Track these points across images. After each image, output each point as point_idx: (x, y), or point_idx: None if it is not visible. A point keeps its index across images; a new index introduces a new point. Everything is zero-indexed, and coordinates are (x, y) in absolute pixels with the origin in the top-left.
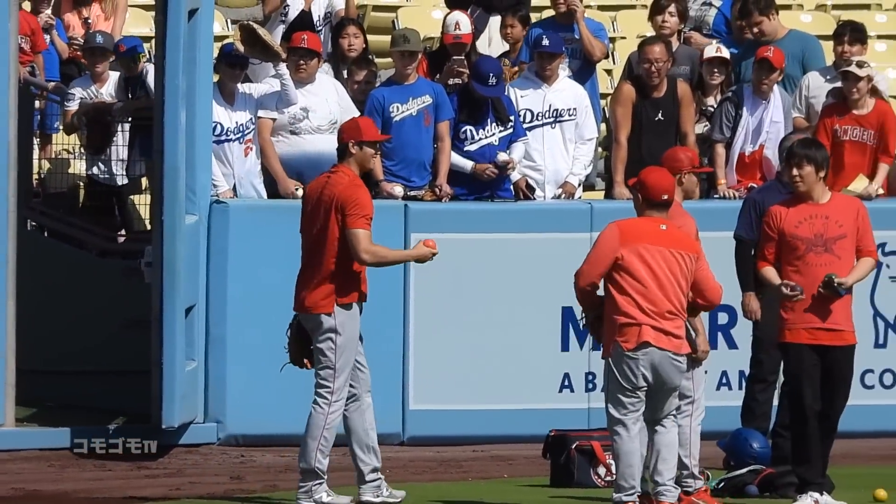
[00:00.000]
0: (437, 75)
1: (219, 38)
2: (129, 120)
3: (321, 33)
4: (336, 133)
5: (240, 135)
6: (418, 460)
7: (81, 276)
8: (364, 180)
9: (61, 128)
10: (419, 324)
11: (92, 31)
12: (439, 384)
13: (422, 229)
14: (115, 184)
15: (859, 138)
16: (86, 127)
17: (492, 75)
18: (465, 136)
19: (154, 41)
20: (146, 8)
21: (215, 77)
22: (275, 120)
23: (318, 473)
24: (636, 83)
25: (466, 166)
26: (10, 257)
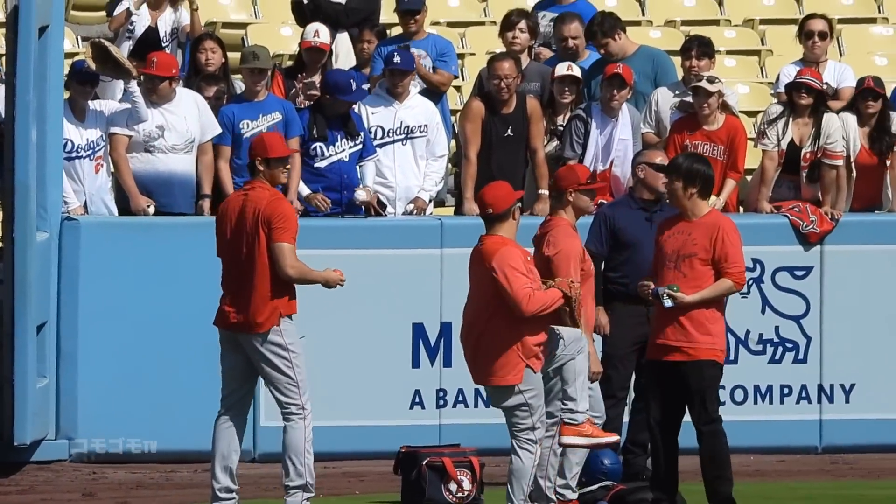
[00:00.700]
0: (292, 90)
1: (69, 55)
2: None
3: (168, 48)
4: (192, 152)
5: (90, 152)
6: (269, 476)
7: None
8: (215, 197)
9: None
10: None
11: None
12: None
13: None
14: None
15: (709, 154)
16: None
17: (352, 81)
18: (316, 153)
19: (4, 58)
20: None
21: (66, 94)
22: (130, 137)
23: (309, 488)
24: (485, 99)
25: (303, 191)
26: None
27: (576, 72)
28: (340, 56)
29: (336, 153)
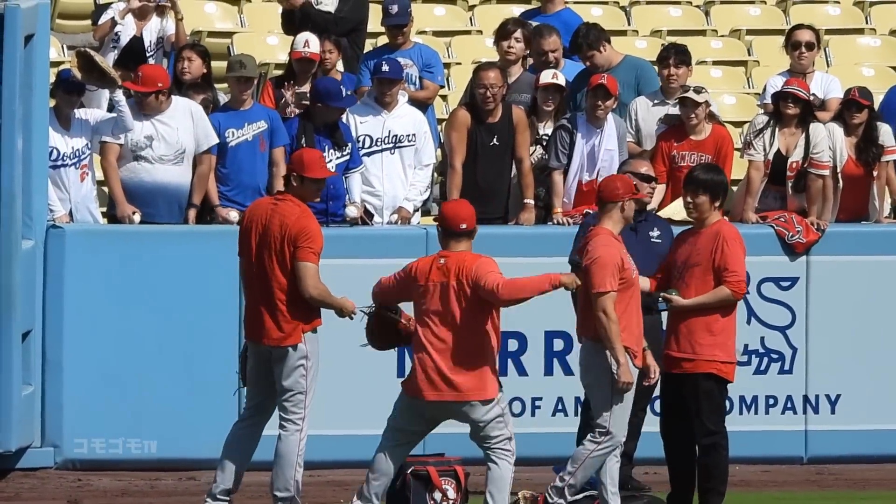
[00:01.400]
0: (282, 99)
1: (55, 64)
2: None
3: (153, 58)
4: (183, 163)
5: (76, 160)
6: (254, 485)
7: None
8: (202, 206)
9: None
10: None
11: None
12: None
13: None
14: None
15: (696, 164)
16: None
17: (342, 88)
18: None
19: None
20: None
21: (52, 102)
22: (121, 146)
23: (296, 499)
24: (471, 109)
25: None
26: None
27: (560, 80)
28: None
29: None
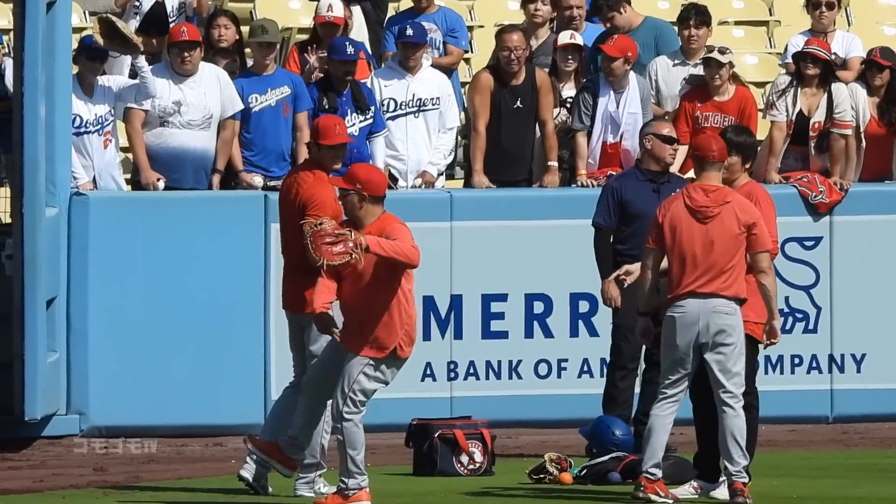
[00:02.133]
0: (307, 64)
1: (77, 30)
2: None
3: (175, 24)
4: (210, 128)
5: (99, 127)
6: None
7: None
8: (227, 171)
9: None
10: (280, 315)
11: None
12: None
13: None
14: None
15: (720, 125)
16: None
17: (347, 44)
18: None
19: (12, 33)
20: (4, 0)
21: (74, 69)
22: (147, 112)
23: (322, 464)
24: (494, 72)
25: None
26: None
27: (578, 40)
28: (354, 28)
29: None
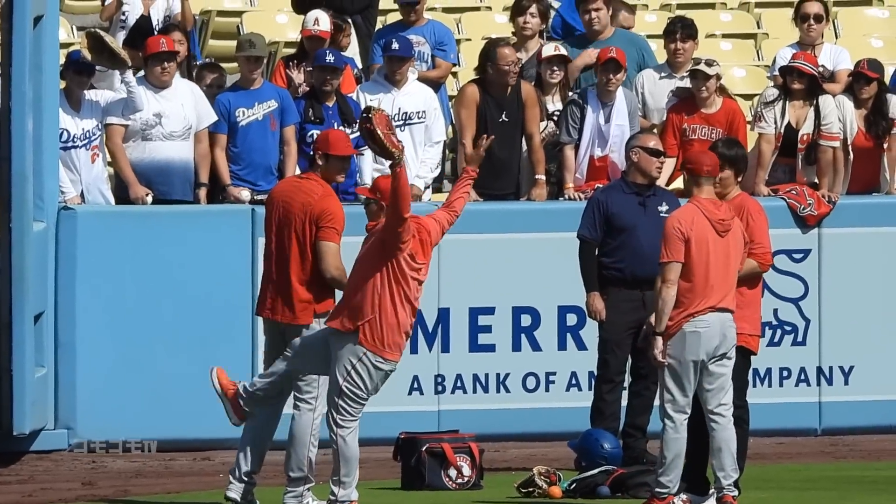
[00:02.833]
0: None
1: (64, 45)
2: None
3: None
4: (189, 139)
5: (86, 141)
6: (269, 464)
7: None
8: (212, 185)
9: None
10: None
11: None
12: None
13: None
14: None
15: (708, 137)
16: None
17: (327, 52)
18: (312, 140)
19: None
20: None
21: (62, 84)
22: (126, 126)
23: (309, 478)
24: (480, 84)
25: None
26: None
27: (563, 51)
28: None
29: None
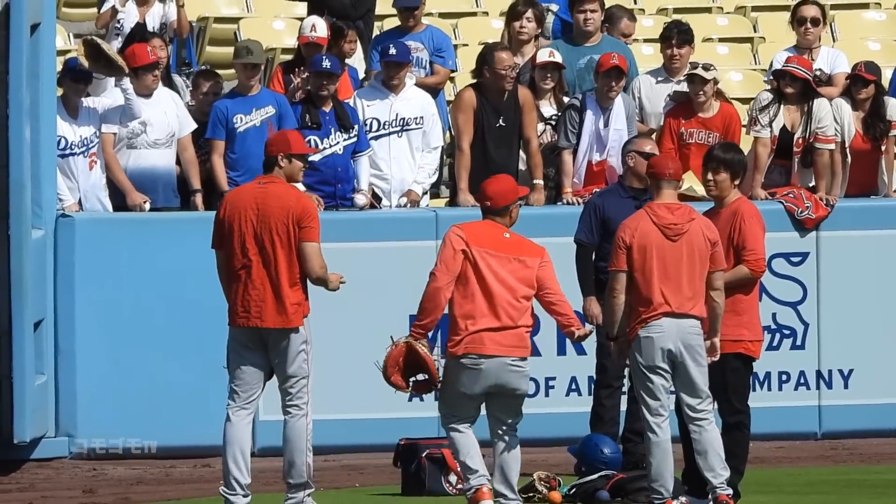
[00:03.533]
0: (291, 84)
1: (61, 52)
2: None
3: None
4: (172, 146)
5: (84, 148)
6: (269, 471)
7: None
8: (209, 191)
9: None
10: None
11: None
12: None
13: None
14: None
15: (705, 141)
16: None
17: (324, 58)
18: (309, 146)
19: None
20: None
21: (59, 91)
22: (115, 134)
23: (309, 484)
24: (477, 89)
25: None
26: None
27: (557, 58)
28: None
29: (330, 146)
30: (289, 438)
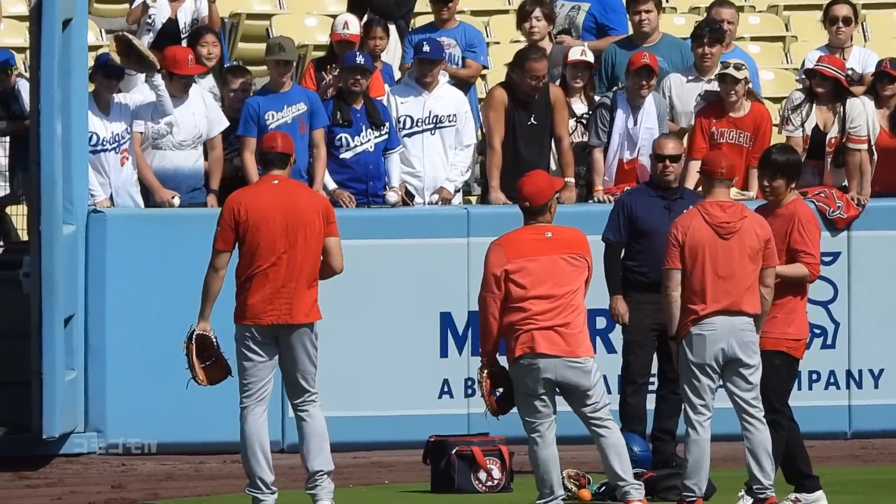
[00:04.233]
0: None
1: (93, 48)
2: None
3: (185, 41)
4: (198, 147)
5: (116, 144)
6: (298, 467)
7: None
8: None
9: None
10: None
11: None
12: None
13: None
14: None
15: (736, 141)
16: None
17: (357, 54)
18: (341, 143)
19: (28, 51)
20: (20, 18)
21: (90, 87)
22: (142, 133)
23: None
24: (508, 88)
25: (329, 185)
26: None
27: (588, 57)
28: (390, 48)
29: (361, 143)
30: (315, 431)
